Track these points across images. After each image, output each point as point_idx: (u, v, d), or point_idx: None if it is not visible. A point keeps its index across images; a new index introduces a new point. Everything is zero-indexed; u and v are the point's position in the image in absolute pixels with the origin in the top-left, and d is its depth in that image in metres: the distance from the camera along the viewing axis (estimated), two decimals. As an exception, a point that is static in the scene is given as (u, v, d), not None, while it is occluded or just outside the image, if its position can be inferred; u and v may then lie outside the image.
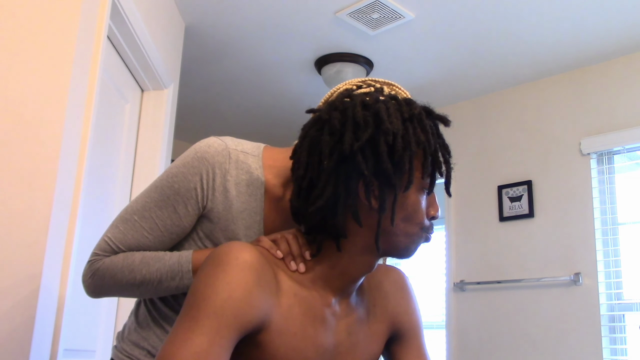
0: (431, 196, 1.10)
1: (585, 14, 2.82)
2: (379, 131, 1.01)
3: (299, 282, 1.05)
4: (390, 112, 1.04)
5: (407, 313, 1.20)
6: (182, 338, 0.91)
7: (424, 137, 1.04)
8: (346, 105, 1.05)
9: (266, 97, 3.85)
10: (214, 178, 1.15)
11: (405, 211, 1.05)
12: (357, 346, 1.11)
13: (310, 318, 1.04)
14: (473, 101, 3.78)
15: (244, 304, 0.94)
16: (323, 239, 1.07)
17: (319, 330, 1.04)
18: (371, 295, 1.18)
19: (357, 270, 1.08)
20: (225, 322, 0.92)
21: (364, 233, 1.05)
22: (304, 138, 1.08)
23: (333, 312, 1.08)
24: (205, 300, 0.93)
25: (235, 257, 0.97)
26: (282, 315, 1.00)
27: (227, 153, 1.18)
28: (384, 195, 1.02)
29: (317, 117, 1.08)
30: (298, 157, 1.08)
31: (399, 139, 1.01)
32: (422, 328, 1.23)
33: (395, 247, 1.07)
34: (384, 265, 1.25)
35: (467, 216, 3.65)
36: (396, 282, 1.21)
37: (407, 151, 1.01)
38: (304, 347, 1.02)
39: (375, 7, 2.77)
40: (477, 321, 3.46)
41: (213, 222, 1.16)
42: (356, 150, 1.00)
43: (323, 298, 1.07)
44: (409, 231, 1.06)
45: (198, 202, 1.14)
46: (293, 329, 1.01)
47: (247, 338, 0.98)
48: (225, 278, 0.95)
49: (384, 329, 1.17)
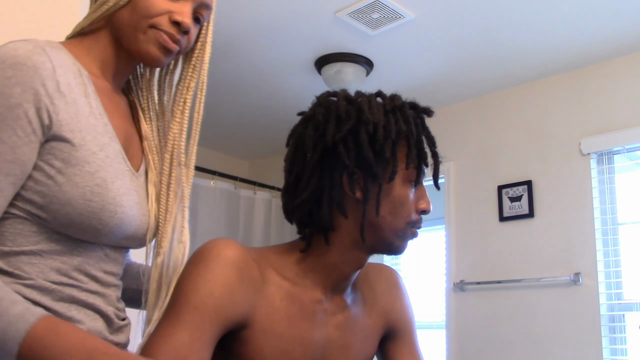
0: (420, 189, 1.10)
1: (585, 14, 2.82)
2: (360, 122, 1.04)
3: (288, 279, 1.06)
4: (372, 104, 1.07)
5: (400, 311, 1.21)
6: (163, 333, 0.93)
7: (406, 127, 1.05)
8: (330, 102, 1.09)
9: (266, 97, 3.85)
10: (44, 83, 0.90)
11: (392, 203, 1.06)
12: (351, 344, 1.11)
13: (299, 314, 1.04)
14: (473, 101, 3.78)
15: (225, 300, 0.96)
16: (312, 233, 1.08)
17: (308, 327, 1.05)
18: (365, 293, 1.18)
19: (347, 266, 1.09)
20: (206, 317, 0.94)
21: (351, 226, 1.06)
22: (291, 136, 1.12)
23: (324, 309, 1.08)
24: (187, 296, 0.95)
25: (217, 254, 0.98)
26: (267, 312, 1.01)
27: (42, 50, 0.92)
28: (368, 185, 1.04)
29: (304, 115, 1.11)
30: (286, 155, 1.11)
31: (380, 128, 1.03)
32: (415, 326, 1.23)
33: (381, 241, 1.08)
34: (377, 263, 1.25)
35: (467, 216, 3.65)
36: (389, 280, 1.22)
37: (388, 139, 1.03)
38: (290, 347, 1.02)
39: (375, 7, 2.77)
40: (477, 321, 3.46)
41: (67, 139, 0.92)
42: (338, 141, 1.03)
43: (313, 294, 1.07)
44: (395, 226, 1.06)
45: (31, 123, 0.88)
46: (279, 329, 1.02)
47: (231, 334, 1.00)
48: (206, 275, 0.96)
49: (378, 328, 1.18)
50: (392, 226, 1.06)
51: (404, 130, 1.05)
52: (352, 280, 1.13)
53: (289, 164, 1.09)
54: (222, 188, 4.19)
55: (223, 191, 4.19)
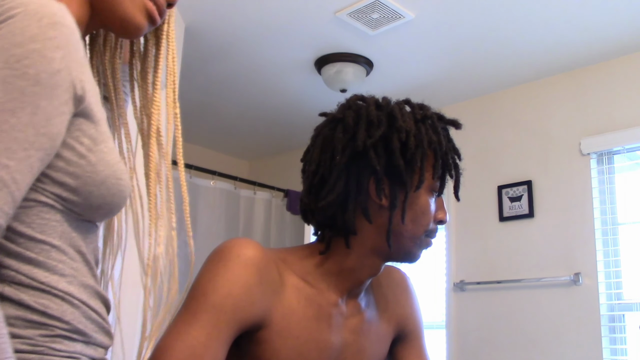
0: (440, 200, 1.12)
1: (585, 14, 2.82)
2: (392, 129, 1.04)
3: (305, 280, 1.06)
4: (404, 112, 1.07)
5: (410, 315, 1.21)
6: (179, 331, 0.92)
7: (436, 137, 1.07)
8: (360, 106, 1.09)
9: (266, 97, 3.84)
10: (78, 48, 0.78)
11: (414, 212, 1.07)
12: (365, 348, 1.11)
13: (316, 317, 1.04)
14: (473, 101, 3.78)
15: (243, 301, 0.95)
16: (332, 236, 1.08)
17: (324, 329, 1.05)
18: (377, 297, 1.19)
19: (363, 272, 1.09)
20: (223, 317, 0.94)
21: (373, 232, 1.06)
22: (317, 136, 1.11)
23: (340, 312, 1.08)
24: (205, 295, 0.95)
25: (237, 254, 0.98)
26: (284, 314, 1.01)
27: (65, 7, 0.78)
28: (395, 192, 1.04)
29: (331, 117, 1.10)
30: (310, 155, 1.10)
31: (412, 137, 1.04)
32: (423, 330, 1.24)
33: (401, 248, 1.08)
34: (386, 265, 1.25)
35: (467, 216, 3.65)
36: (399, 284, 1.23)
37: (420, 149, 1.04)
38: (306, 349, 1.02)
39: (375, 7, 2.77)
40: (477, 321, 3.46)
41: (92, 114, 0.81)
42: (369, 147, 1.03)
43: (330, 297, 1.07)
44: (415, 233, 1.08)
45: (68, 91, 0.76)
46: (296, 331, 1.01)
47: (247, 335, 0.99)
48: (226, 274, 0.96)
49: (390, 331, 1.18)
50: (412, 234, 1.07)
51: (435, 141, 1.06)
52: (366, 285, 1.13)
53: (314, 165, 1.08)
54: (222, 188, 4.19)
55: (223, 191, 4.19)
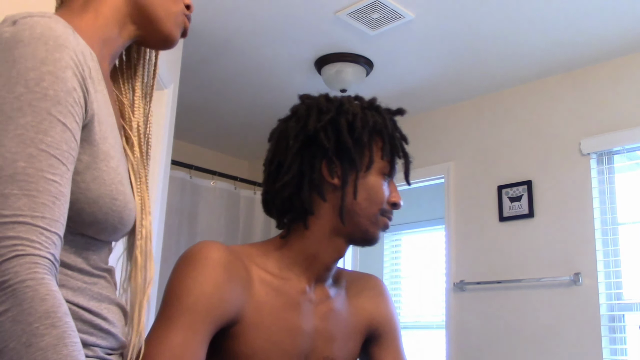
0: (392, 184, 1.19)
1: (585, 14, 2.82)
2: (340, 113, 1.14)
3: (271, 273, 1.11)
4: (351, 101, 1.19)
5: (384, 316, 1.26)
6: (158, 336, 0.96)
7: (381, 120, 1.16)
8: (311, 99, 1.20)
9: (266, 97, 3.85)
10: (83, 68, 0.80)
11: (367, 191, 1.13)
12: (335, 336, 1.16)
13: (285, 306, 1.09)
14: (473, 101, 3.78)
15: (215, 299, 1.00)
16: (292, 221, 1.15)
17: (295, 317, 1.10)
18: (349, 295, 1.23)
19: (327, 255, 1.15)
20: (198, 317, 0.98)
21: (329, 211, 1.13)
22: (274, 132, 1.21)
23: (309, 299, 1.14)
24: (178, 298, 0.99)
25: (204, 256, 1.02)
26: (255, 307, 1.06)
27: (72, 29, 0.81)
28: (347, 172, 1.12)
29: (286, 115, 1.22)
30: (268, 149, 1.19)
31: (358, 119, 1.13)
32: (400, 332, 1.29)
33: (357, 227, 1.14)
34: (365, 273, 1.32)
35: (467, 216, 3.65)
36: (374, 287, 1.29)
37: (366, 128, 1.13)
38: (279, 338, 1.07)
39: (375, 7, 2.77)
40: (477, 321, 3.46)
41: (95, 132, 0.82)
42: (319, 129, 1.12)
43: (297, 286, 1.13)
44: (370, 211, 1.14)
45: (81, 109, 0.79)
46: (267, 322, 1.06)
47: (222, 331, 1.03)
48: (196, 276, 1.00)
49: (361, 328, 1.22)
50: (366, 212, 1.13)
51: (380, 123, 1.15)
52: (333, 270, 1.19)
53: (270, 154, 1.17)
54: (222, 188, 4.19)
55: (223, 191, 4.20)
